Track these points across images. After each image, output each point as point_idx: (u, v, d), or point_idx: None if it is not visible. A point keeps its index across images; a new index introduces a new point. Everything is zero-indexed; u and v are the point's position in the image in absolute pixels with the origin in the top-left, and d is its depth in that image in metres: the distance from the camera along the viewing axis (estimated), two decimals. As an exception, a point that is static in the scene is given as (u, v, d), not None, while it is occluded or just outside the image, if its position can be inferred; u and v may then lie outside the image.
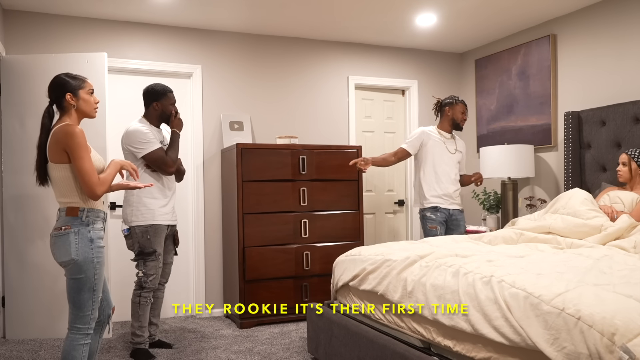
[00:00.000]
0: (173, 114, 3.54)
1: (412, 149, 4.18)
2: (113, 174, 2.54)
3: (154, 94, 3.50)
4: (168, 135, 3.64)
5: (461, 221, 4.20)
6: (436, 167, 4.13)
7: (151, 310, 3.60)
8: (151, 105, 3.51)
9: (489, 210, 4.90)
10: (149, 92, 3.52)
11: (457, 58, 5.69)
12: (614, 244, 2.90)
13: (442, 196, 4.12)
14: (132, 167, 2.68)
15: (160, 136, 3.55)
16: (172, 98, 3.54)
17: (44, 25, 4.27)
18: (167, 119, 3.56)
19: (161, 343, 3.65)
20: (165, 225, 3.48)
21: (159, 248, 3.43)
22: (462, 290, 2.23)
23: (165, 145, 3.53)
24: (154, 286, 3.43)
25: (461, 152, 4.27)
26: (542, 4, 4.24)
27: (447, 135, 4.22)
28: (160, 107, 3.51)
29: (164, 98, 3.51)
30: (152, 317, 3.62)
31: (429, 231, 4.13)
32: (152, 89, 3.51)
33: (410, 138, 4.20)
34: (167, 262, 3.63)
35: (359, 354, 2.69)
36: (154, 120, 3.55)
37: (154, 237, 3.39)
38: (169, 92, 3.54)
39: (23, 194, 3.95)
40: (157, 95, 3.50)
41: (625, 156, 3.48)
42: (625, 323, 1.61)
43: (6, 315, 3.92)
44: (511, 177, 4.56)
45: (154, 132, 3.49)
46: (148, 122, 3.53)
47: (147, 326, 3.45)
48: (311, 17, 4.48)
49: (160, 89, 3.51)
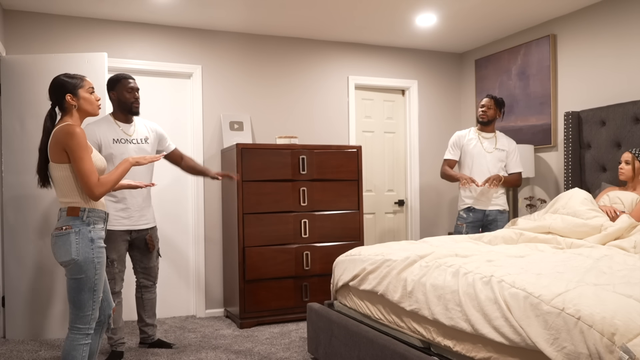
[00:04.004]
0: (133, 101, 3.30)
1: (454, 156, 4.25)
2: (119, 174, 2.52)
3: (109, 83, 3.31)
4: (147, 132, 3.41)
5: (500, 222, 4.12)
6: (472, 167, 4.14)
7: (145, 312, 3.58)
8: (109, 96, 3.33)
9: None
10: (107, 82, 3.34)
11: (457, 58, 5.69)
12: (614, 244, 2.90)
13: (476, 197, 4.11)
14: (150, 160, 2.66)
15: (119, 134, 3.28)
16: (127, 84, 3.28)
17: (44, 25, 4.27)
18: (129, 109, 3.32)
19: (161, 343, 3.64)
20: (121, 230, 3.29)
21: (113, 254, 3.27)
22: (462, 290, 2.23)
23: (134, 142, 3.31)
24: (112, 290, 3.27)
25: (503, 150, 4.17)
26: (542, 4, 4.24)
27: (487, 134, 4.20)
28: (117, 95, 3.30)
29: (117, 85, 3.29)
30: (146, 318, 3.59)
31: (455, 227, 4.22)
32: (109, 78, 3.32)
33: (449, 147, 4.29)
34: (150, 266, 3.52)
35: (359, 354, 2.69)
36: (118, 114, 3.33)
37: (108, 244, 3.13)
38: (124, 78, 3.30)
39: (23, 194, 3.95)
40: (111, 84, 3.30)
41: (629, 154, 3.47)
42: (625, 323, 1.61)
43: (6, 315, 3.92)
44: (511, 177, 4.56)
45: (104, 132, 3.22)
46: (113, 118, 3.33)
47: (119, 328, 3.37)
48: (311, 17, 4.48)
49: (114, 77, 3.31)
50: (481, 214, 4.13)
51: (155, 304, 3.63)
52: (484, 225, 4.16)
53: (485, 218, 4.14)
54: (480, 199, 4.12)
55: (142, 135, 3.39)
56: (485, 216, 4.13)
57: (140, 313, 3.61)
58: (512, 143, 4.24)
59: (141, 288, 3.58)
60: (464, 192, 4.18)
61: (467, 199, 4.16)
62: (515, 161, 4.22)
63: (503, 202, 4.18)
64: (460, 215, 4.20)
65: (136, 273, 3.58)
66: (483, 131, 4.21)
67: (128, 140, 3.30)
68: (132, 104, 3.32)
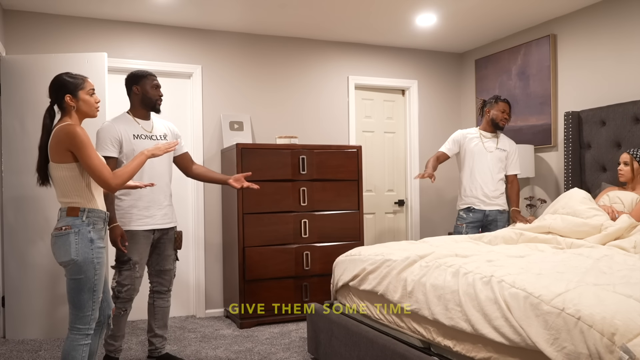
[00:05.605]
0: (157, 98, 3.24)
1: (448, 151, 4.21)
2: (135, 167, 2.53)
3: (132, 78, 3.23)
4: (165, 129, 3.35)
5: (499, 222, 4.13)
6: (473, 167, 4.14)
7: (155, 320, 3.32)
8: (132, 91, 3.23)
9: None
10: (128, 77, 3.24)
11: (457, 58, 5.69)
12: (614, 244, 2.90)
13: (477, 196, 4.12)
14: (165, 149, 2.64)
15: (139, 130, 3.21)
16: (153, 81, 3.23)
17: (44, 25, 4.27)
18: (152, 106, 3.24)
19: (169, 357, 3.33)
20: (144, 230, 3.16)
21: (136, 256, 3.12)
22: (462, 290, 2.23)
23: (154, 139, 3.23)
24: (129, 297, 3.12)
25: (505, 150, 4.18)
26: (542, 4, 4.24)
27: (488, 134, 4.20)
28: (141, 91, 3.21)
29: (143, 80, 3.21)
30: (156, 328, 3.33)
31: (455, 227, 4.21)
32: (131, 73, 3.25)
33: (448, 140, 4.26)
34: (166, 269, 3.31)
35: (359, 354, 2.69)
36: (138, 110, 3.25)
37: (130, 244, 3.09)
38: (150, 74, 3.24)
39: (23, 194, 3.95)
40: (135, 79, 3.22)
41: (627, 155, 3.47)
42: (625, 323, 1.61)
43: (6, 315, 3.92)
44: (511, 177, 4.56)
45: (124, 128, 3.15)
46: (132, 114, 3.25)
47: (120, 335, 3.19)
48: (311, 17, 4.48)
49: (139, 72, 3.23)
50: (481, 214, 4.13)
51: (167, 313, 3.36)
52: (483, 225, 4.16)
53: (485, 218, 4.14)
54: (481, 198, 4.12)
55: (160, 132, 3.32)
56: (485, 216, 4.13)
57: (150, 322, 3.34)
58: (513, 144, 4.25)
59: (154, 294, 3.33)
60: (465, 191, 4.18)
61: (467, 198, 4.16)
62: (514, 163, 4.23)
63: (503, 202, 4.18)
64: (460, 215, 4.19)
65: (150, 277, 3.34)
66: (488, 131, 4.22)
67: (148, 137, 3.22)
68: (156, 100, 3.24)
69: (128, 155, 3.14)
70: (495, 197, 4.13)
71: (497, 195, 4.14)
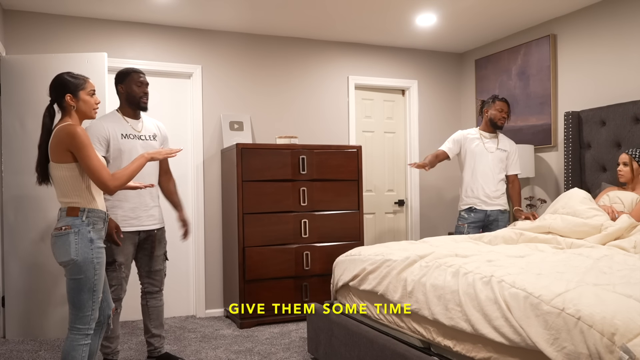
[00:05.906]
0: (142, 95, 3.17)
1: (449, 150, 4.21)
2: (134, 169, 2.53)
3: (118, 76, 3.19)
4: (155, 129, 3.30)
5: (500, 222, 4.14)
6: (474, 167, 4.14)
7: (150, 321, 3.32)
8: (118, 90, 3.19)
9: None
10: (115, 76, 3.20)
11: (457, 58, 5.69)
12: (614, 244, 2.90)
13: (478, 197, 4.12)
14: (165, 154, 2.64)
15: (128, 129, 3.17)
16: (137, 78, 3.16)
17: (44, 25, 4.27)
18: (137, 104, 3.18)
19: (169, 356, 3.33)
20: (129, 232, 3.13)
21: (121, 257, 3.10)
22: (462, 290, 2.23)
23: (142, 139, 3.20)
24: (117, 297, 3.10)
25: (505, 150, 4.19)
26: (542, 4, 4.24)
27: (488, 135, 4.20)
28: (125, 89, 3.16)
29: (127, 78, 3.16)
30: (152, 328, 3.32)
31: (456, 227, 4.22)
32: (117, 72, 3.20)
33: (448, 140, 4.26)
34: (156, 270, 3.30)
35: (359, 354, 2.69)
36: (126, 109, 3.20)
37: (114, 246, 3.06)
38: (134, 71, 3.18)
39: (23, 194, 3.95)
40: (120, 77, 3.17)
41: (626, 156, 3.47)
42: (625, 323, 1.61)
43: (6, 315, 3.92)
44: (511, 177, 4.56)
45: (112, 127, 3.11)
46: (121, 113, 3.20)
47: (115, 337, 3.17)
48: (311, 17, 4.48)
49: (124, 70, 3.19)
50: (482, 214, 4.13)
51: (161, 312, 3.35)
52: (485, 225, 4.17)
53: (487, 218, 4.14)
54: (483, 199, 4.12)
55: (150, 132, 3.28)
56: (487, 216, 4.13)
57: (146, 323, 3.33)
58: (513, 145, 4.26)
59: (146, 294, 3.32)
60: (466, 192, 4.18)
61: (468, 199, 4.16)
62: (514, 163, 4.24)
63: (504, 202, 4.18)
64: (461, 215, 4.20)
65: (141, 278, 3.33)
66: (488, 132, 4.22)
67: (136, 136, 3.19)
68: (140, 98, 3.19)
69: (114, 155, 3.11)
70: (497, 197, 4.14)
71: (498, 196, 4.15)
